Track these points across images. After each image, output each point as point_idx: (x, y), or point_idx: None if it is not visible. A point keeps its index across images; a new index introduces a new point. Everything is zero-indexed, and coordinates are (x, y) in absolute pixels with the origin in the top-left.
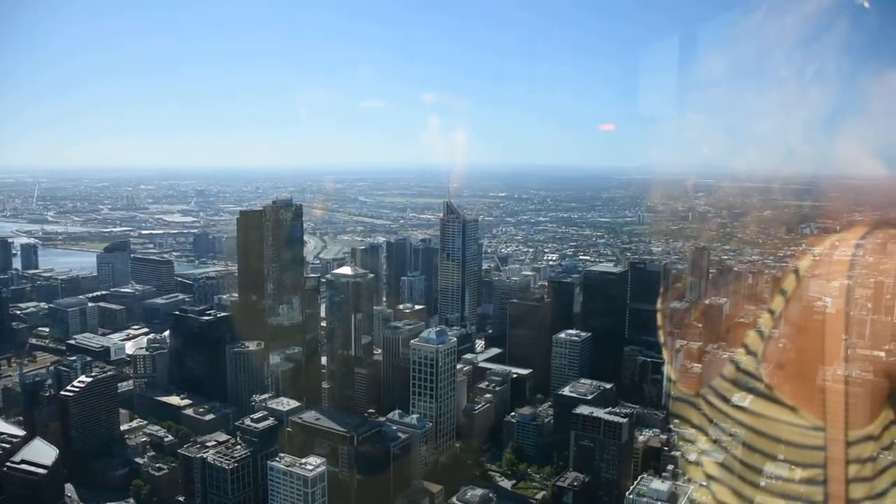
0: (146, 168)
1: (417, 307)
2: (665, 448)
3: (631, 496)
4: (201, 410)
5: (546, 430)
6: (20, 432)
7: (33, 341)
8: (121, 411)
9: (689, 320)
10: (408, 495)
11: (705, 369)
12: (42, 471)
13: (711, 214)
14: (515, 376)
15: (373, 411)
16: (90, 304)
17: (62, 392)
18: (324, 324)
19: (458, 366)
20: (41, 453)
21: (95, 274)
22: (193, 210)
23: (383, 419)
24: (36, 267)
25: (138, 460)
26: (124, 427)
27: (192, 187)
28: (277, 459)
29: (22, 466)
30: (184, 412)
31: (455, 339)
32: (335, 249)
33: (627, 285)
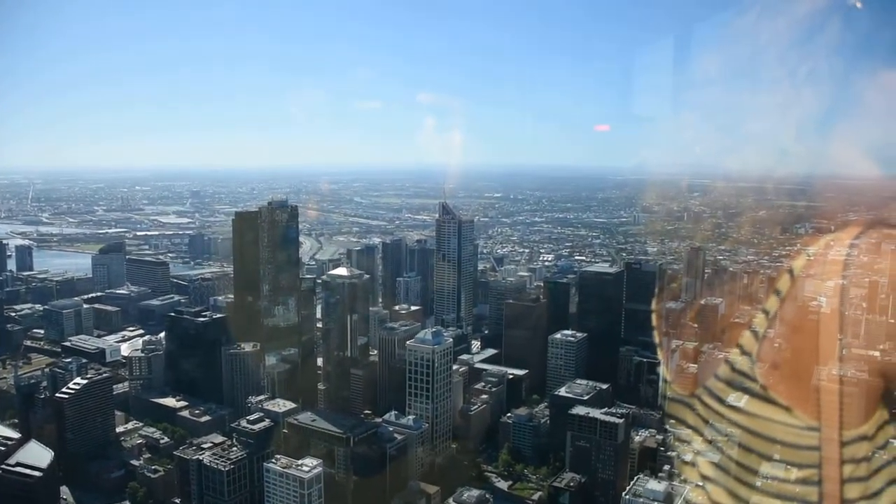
0: (141, 169)
1: (413, 308)
2: (661, 448)
3: (627, 496)
4: (197, 412)
5: (542, 431)
6: (15, 435)
7: (28, 343)
8: (116, 413)
9: (685, 320)
10: (404, 496)
11: (701, 369)
12: (37, 473)
13: (706, 215)
14: (511, 377)
15: (369, 412)
16: (85, 306)
17: (57, 394)
18: (319, 325)
19: (454, 367)
20: (36, 456)
21: (90, 275)
22: (189, 211)
23: (379, 420)
24: (31, 268)
25: (134, 462)
26: (120, 429)
27: (188, 188)
28: (273, 461)
29: (17, 469)
30: (179, 414)
31: (451, 340)
32: (331, 250)
33: (623, 286)
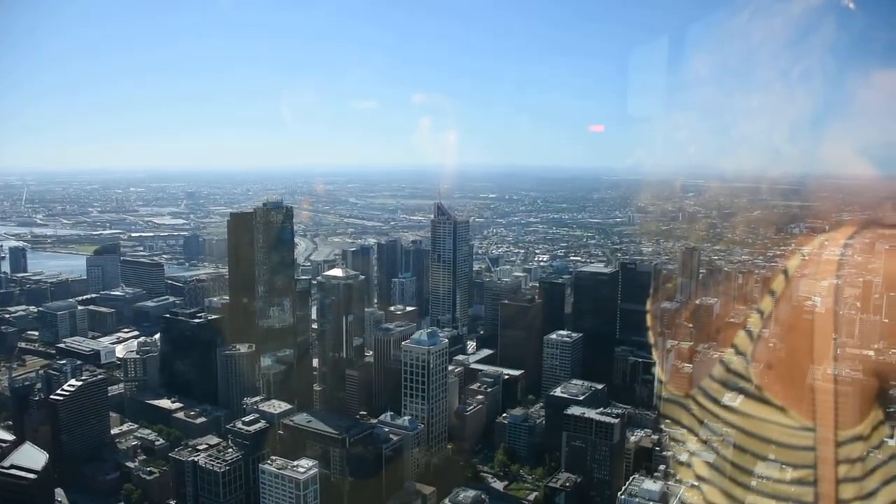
0: (136, 170)
1: (408, 309)
2: (656, 448)
3: (623, 497)
4: (192, 414)
5: (538, 431)
6: (9, 437)
7: (22, 345)
8: (111, 415)
9: (680, 321)
10: (400, 497)
11: (696, 369)
12: (32, 476)
13: (701, 215)
14: (507, 377)
15: (364, 413)
16: (80, 308)
17: (52, 396)
18: (315, 326)
19: (450, 367)
20: (31, 458)
21: (85, 277)
22: (183, 212)
23: (375, 421)
24: (25, 270)
25: (129, 464)
26: (115, 431)
27: (183, 189)
28: (269, 462)
29: (11, 472)
30: (175, 415)
31: (446, 341)
32: (326, 251)
33: (618, 286)
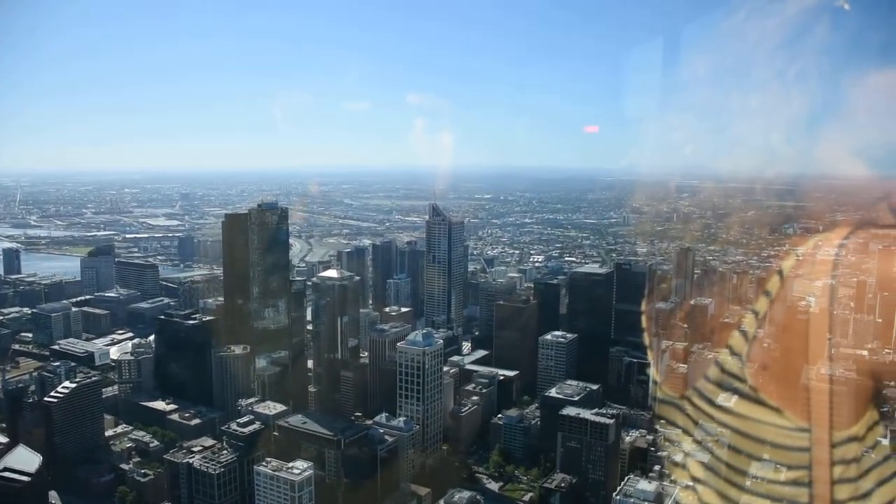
0: (131, 171)
1: (403, 310)
2: (651, 449)
3: (618, 497)
4: (187, 415)
5: (533, 432)
6: (3, 439)
7: (16, 347)
8: (105, 417)
9: (675, 321)
10: (395, 498)
11: (690, 370)
12: (26, 478)
13: (695, 215)
14: (502, 378)
15: (359, 414)
16: (74, 309)
17: (46, 398)
18: (310, 327)
19: (445, 368)
20: (25, 460)
21: (79, 279)
22: (178, 213)
23: (370, 422)
24: (19, 272)
25: (123, 466)
26: (109, 433)
27: (177, 190)
28: (264, 464)
29: (5, 474)
30: (169, 417)
31: (441, 342)
32: (321, 252)
33: (613, 286)
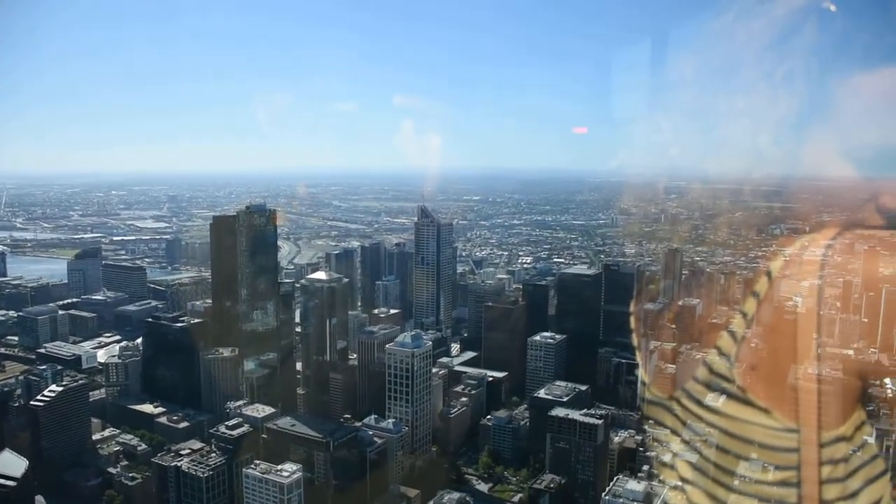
0: (118, 174)
1: (392, 312)
2: (640, 449)
3: (607, 497)
4: (175, 418)
5: (522, 433)
6: None
7: (2, 350)
8: (93, 420)
9: (663, 322)
10: (385, 500)
11: (679, 370)
12: (12, 483)
13: (683, 216)
14: (491, 379)
15: (348, 416)
16: (61, 312)
17: (32, 402)
18: (298, 329)
19: (434, 370)
20: (11, 465)
21: (66, 281)
22: (166, 216)
23: (359, 424)
24: (4, 275)
25: (111, 470)
26: (96, 436)
27: (165, 192)
28: (253, 467)
29: None
30: (157, 420)
31: (430, 343)
32: (309, 254)
33: (601, 287)
